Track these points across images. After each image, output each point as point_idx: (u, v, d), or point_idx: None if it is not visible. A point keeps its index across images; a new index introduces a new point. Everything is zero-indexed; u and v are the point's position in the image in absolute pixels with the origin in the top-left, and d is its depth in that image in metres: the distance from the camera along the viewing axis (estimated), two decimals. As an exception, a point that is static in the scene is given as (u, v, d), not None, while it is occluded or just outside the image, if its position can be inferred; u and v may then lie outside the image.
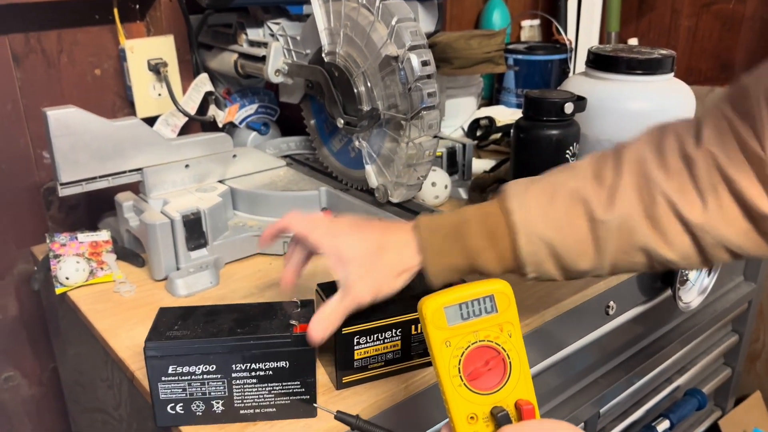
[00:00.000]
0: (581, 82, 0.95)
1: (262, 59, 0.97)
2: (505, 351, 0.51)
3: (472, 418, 0.50)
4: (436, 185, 1.06)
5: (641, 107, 0.90)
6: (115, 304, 0.83)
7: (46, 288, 0.93)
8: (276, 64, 0.95)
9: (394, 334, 0.67)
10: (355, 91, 0.85)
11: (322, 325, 0.61)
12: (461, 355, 0.50)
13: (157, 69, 1.04)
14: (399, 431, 0.70)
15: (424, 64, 0.79)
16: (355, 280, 0.62)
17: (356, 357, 0.66)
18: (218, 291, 0.86)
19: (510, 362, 0.51)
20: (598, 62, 0.93)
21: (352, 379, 0.67)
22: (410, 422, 0.71)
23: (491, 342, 0.51)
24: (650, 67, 0.91)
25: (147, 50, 1.05)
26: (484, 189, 1.08)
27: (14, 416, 1.14)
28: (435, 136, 0.83)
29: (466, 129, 1.28)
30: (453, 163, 1.17)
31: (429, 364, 0.70)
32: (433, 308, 0.49)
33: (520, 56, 1.40)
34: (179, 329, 0.61)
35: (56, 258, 0.89)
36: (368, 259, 0.62)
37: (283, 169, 1.05)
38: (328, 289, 0.68)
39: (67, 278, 0.86)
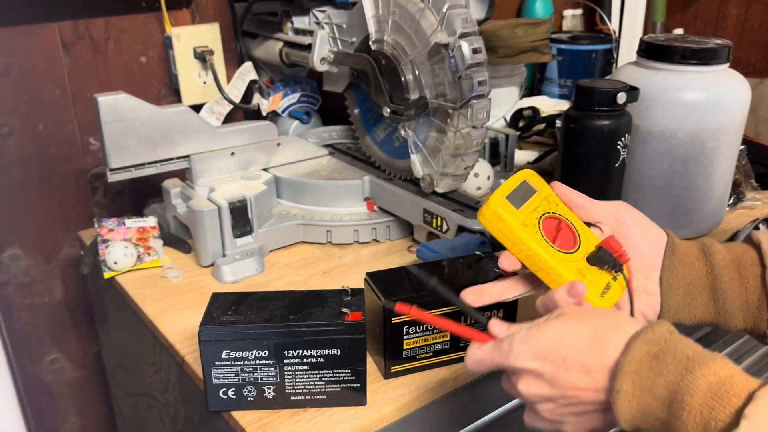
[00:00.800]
0: (632, 72, 0.93)
1: (308, 48, 0.97)
2: (562, 216, 0.59)
3: (579, 271, 0.56)
4: (479, 176, 1.05)
5: (695, 98, 0.87)
6: (162, 289, 0.84)
7: (94, 272, 0.95)
8: (322, 53, 0.95)
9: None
10: (403, 79, 0.84)
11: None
12: (539, 230, 0.57)
13: (203, 57, 1.05)
14: (446, 424, 0.70)
15: (475, 51, 0.78)
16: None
17: (405, 347, 0.66)
18: (263, 278, 0.86)
19: (571, 223, 0.59)
20: (651, 52, 0.91)
21: (400, 369, 0.67)
22: (458, 414, 0.70)
23: (549, 213, 0.58)
24: (705, 57, 0.88)
25: (193, 38, 1.05)
26: (527, 180, 1.07)
27: (59, 398, 1.16)
28: (484, 126, 0.82)
29: (508, 119, 1.26)
30: (495, 154, 1.15)
31: (477, 355, 0.69)
32: (497, 201, 0.56)
33: (563, 46, 1.38)
34: (233, 315, 0.61)
35: (104, 243, 0.90)
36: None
37: (326, 158, 1.04)
38: (376, 277, 0.68)
39: (115, 263, 0.87)
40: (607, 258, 0.57)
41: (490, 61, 1.14)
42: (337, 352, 0.61)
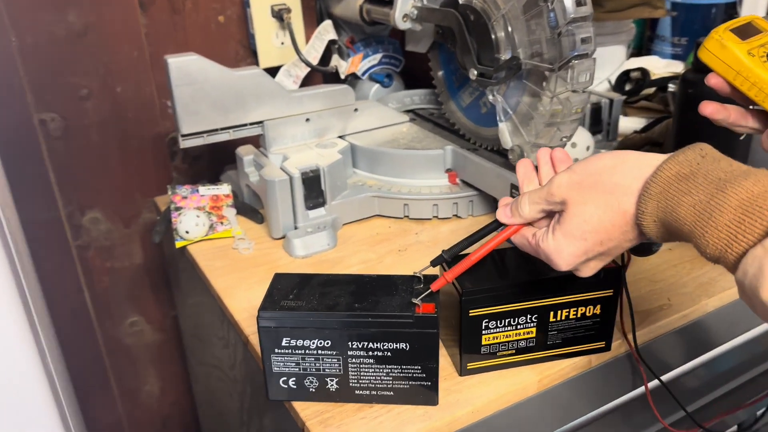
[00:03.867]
0: (766, 27, 0.79)
1: (390, 3, 0.88)
2: None
3: None
4: (577, 146, 0.95)
5: None
6: (232, 261, 0.81)
7: (168, 239, 0.93)
8: (404, 8, 0.87)
9: (528, 320, 0.59)
10: (493, 37, 0.75)
11: (507, 212, 0.56)
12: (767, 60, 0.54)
13: (280, 15, 0.99)
14: (529, 429, 0.62)
15: (579, 3, 0.67)
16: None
17: (484, 342, 0.59)
18: (335, 253, 0.81)
19: None
20: (791, 3, 0.77)
21: (477, 366, 0.60)
22: (542, 419, 0.63)
23: None
24: None
25: (270, -5, 0.99)
26: (631, 152, 0.95)
27: (138, 360, 1.18)
28: (586, 90, 0.72)
29: (613, 82, 1.13)
30: (597, 121, 1.04)
31: (568, 355, 0.61)
32: (720, 31, 0.55)
33: (679, 0, 1.22)
34: (294, 299, 0.56)
35: (177, 211, 0.87)
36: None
37: (406, 124, 0.97)
38: (454, 261, 0.60)
39: (187, 232, 0.84)
40: None
41: (595, 16, 1.02)
42: (406, 346, 0.55)
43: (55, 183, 0.99)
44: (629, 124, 1.06)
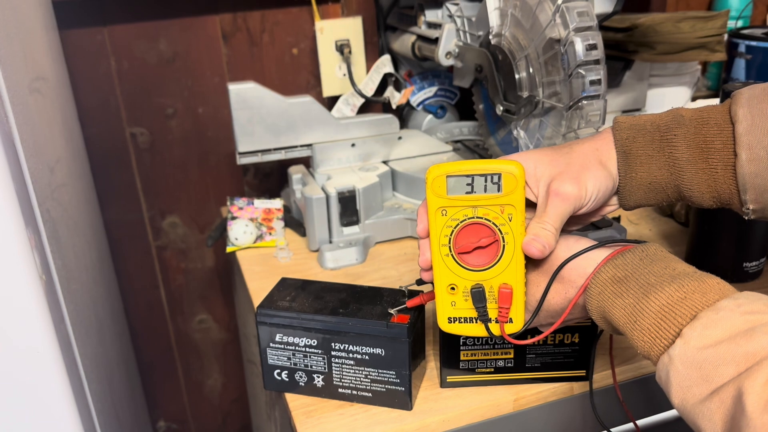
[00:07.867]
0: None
1: (436, 41, 0.95)
2: (501, 233, 0.50)
3: (452, 288, 0.52)
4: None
5: None
6: (270, 267, 0.89)
7: (224, 246, 1.03)
8: (448, 47, 0.93)
9: (505, 342, 0.62)
10: (517, 76, 0.79)
11: (537, 242, 0.49)
12: (455, 227, 0.50)
13: (342, 50, 1.08)
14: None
15: (590, 48, 0.70)
16: (552, 180, 0.51)
17: (462, 358, 0.63)
18: (361, 268, 0.87)
19: (504, 245, 0.50)
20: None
21: (457, 380, 0.64)
22: (517, 438, 0.65)
23: (489, 221, 0.50)
24: None
25: (335, 31, 1.09)
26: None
27: (204, 355, 1.30)
28: (599, 130, 0.74)
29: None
30: (644, 161, 1.04)
31: (547, 380, 0.64)
32: (436, 174, 0.50)
33: (754, 43, 1.19)
34: (290, 301, 0.63)
35: (232, 219, 0.97)
36: (558, 157, 0.52)
37: (449, 154, 1.02)
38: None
39: (236, 239, 0.94)
40: (475, 299, 0.52)
41: (645, 57, 1.03)
42: (381, 352, 0.60)
43: (140, 189, 1.14)
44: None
